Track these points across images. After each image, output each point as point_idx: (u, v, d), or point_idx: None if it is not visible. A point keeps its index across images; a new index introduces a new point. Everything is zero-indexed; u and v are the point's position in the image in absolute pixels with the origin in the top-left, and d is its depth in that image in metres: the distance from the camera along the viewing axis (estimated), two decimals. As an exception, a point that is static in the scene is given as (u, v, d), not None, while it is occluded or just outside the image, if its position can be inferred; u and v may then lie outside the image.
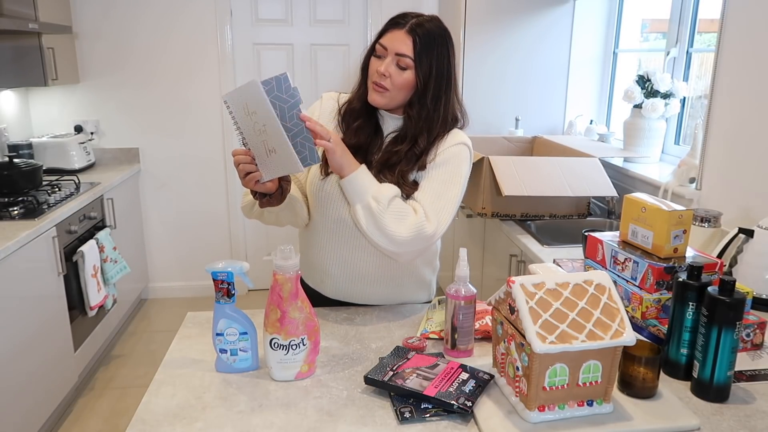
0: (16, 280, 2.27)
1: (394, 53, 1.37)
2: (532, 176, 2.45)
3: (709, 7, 2.64)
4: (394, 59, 1.37)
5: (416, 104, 1.41)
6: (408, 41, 1.36)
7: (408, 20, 1.38)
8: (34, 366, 2.39)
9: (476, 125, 3.40)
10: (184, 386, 1.17)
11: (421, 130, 1.42)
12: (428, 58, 1.37)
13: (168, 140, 3.81)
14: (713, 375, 1.12)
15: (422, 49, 1.36)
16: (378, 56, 1.40)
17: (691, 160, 2.31)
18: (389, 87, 1.38)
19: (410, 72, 1.38)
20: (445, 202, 1.40)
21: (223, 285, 1.18)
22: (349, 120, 1.48)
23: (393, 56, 1.37)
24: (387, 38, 1.38)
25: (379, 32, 1.42)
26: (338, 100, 1.53)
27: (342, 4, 3.76)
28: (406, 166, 1.41)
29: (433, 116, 1.42)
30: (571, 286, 1.06)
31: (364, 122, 1.46)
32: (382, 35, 1.40)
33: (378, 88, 1.39)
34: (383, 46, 1.38)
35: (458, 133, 1.47)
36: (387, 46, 1.38)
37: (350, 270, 1.51)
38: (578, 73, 3.47)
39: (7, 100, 3.38)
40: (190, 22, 3.65)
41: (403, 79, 1.38)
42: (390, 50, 1.37)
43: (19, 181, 2.78)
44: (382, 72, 1.37)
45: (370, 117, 1.47)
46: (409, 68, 1.37)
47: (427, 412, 1.07)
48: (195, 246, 3.99)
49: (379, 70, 1.38)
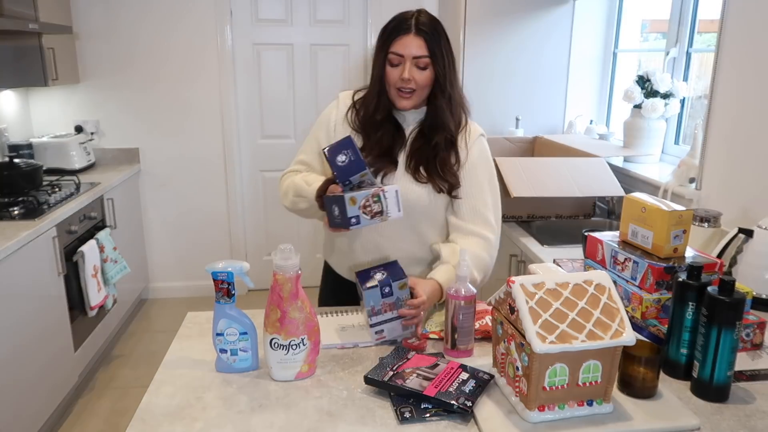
0: (16, 280, 2.28)
1: (411, 57, 1.43)
2: (539, 177, 2.45)
3: (709, 7, 2.64)
4: (412, 62, 1.43)
5: (439, 94, 1.48)
6: (420, 42, 1.42)
7: (409, 23, 1.43)
8: (34, 366, 2.39)
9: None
10: (184, 386, 1.17)
11: (448, 116, 1.50)
12: (440, 50, 1.44)
13: (168, 140, 3.81)
14: (713, 375, 1.12)
15: (433, 44, 1.43)
16: (394, 65, 1.45)
17: (691, 160, 2.31)
18: (416, 88, 1.45)
19: (429, 69, 1.44)
20: (498, 205, 1.58)
21: (223, 285, 1.18)
22: (370, 131, 1.52)
23: (411, 60, 1.43)
24: (398, 46, 1.43)
25: (384, 41, 1.46)
26: (353, 97, 1.58)
27: (342, 4, 3.76)
28: (445, 153, 1.50)
29: (453, 98, 1.49)
30: (571, 286, 1.06)
31: (385, 129, 1.52)
32: (389, 44, 1.44)
33: (405, 94, 1.46)
34: (398, 54, 1.43)
35: (473, 123, 1.58)
36: (402, 53, 1.43)
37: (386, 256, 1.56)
38: (578, 73, 3.46)
39: (8, 100, 3.38)
40: (191, 22, 3.65)
41: (425, 78, 1.45)
42: (406, 56, 1.43)
43: (19, 181, 2.78)
44: (406, 78, 1.43)
45: (389, 120, 1.53)
46: (428, 66, 1.44)
47: (427, 412, 1.07)
48: (195, 246, 3.99)
49: (404, 77, 1.43)
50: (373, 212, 1.31)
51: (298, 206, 1.54)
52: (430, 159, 1.50)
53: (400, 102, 1.48)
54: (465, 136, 1.54)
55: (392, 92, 1.48)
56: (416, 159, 1.51)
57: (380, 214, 1.31)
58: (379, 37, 1.48)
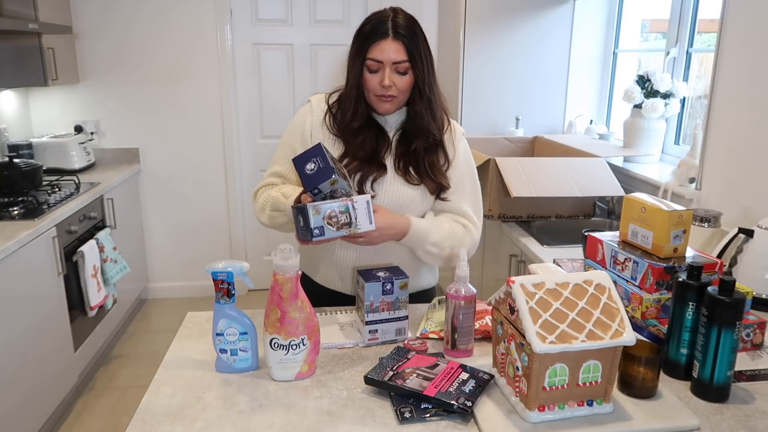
0: (16, 280, 2.28)
1: (391, 63, 1.39)
2: (539, 177, 2.45)
3: (709, 7, 2.64)
4: (392, 68, 1.39)
5: (417, 98, 1.45)
6: (398, 46, 1.38)
7: (386, 26, 1.38)
8: (34, 366, 2.39)
9: (477, 126, 3.44)
10: (184, 386, 1.17)
11: (428, 120, 1.47)
12: (419, 53, 1.40)
13: (168, 140, 3.81)
14: (713, 375, 1.12)
15: (413, 47, 1.39)
16: (373, 71, 1.41)
17: (691, 160, 2.31)
18: (396, 94, 1.42)
19: (409, 73, 1.41)
20: (480, 202, 1.57)
21: (223, 285, 1.18)
22: (349, 137, 1.48)
23: (390, 66, 1.39)
24: (377, 51, 1.39)
25: (360, 46, 1.41)
26: (327, 101, 1.53)
27: (342, 4, 3.76)
28: (433, 155, 1.49)
29: (432, 99, 1.46)
30: (571, 286, 1.06)
31: (366, 133, 1.48)
32: (366, 49, 1.40)
33: (386, 99, 1.42)
34: (377, 60, 1.39)
35: (454, 122, 1.56)
36: (381, 59, 1.39)
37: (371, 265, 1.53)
38: (578, 73, 3.46)
39: (7, 100, 3.38)
40: (190, 22, 3.65)
41: (405, 82, 1.42)
42: (386, 62, 1.39)
43: (19, 181, 2.78)
44: (387, 85, 1.39)
45: (370, 125, 1.49)
46: (407, 71, 1.41)
47: (427, 412, 1.07)
48: (195, 246, 3.99)
49: (384, 84, 1.39)
50: (339, 223, 1.27)
51: (276, 221, 1.48)
52: (420, 160, 1.48)
53: (381, 106, 1.45)
54: (451, 136, 1.53)
55: (371, 98, 1.44)
56: (404, 161, 1.48)
57: (348, 226, 1.27)
58: (354, 40, 1.43)
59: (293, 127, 1.54)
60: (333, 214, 1.26)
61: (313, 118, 1.52)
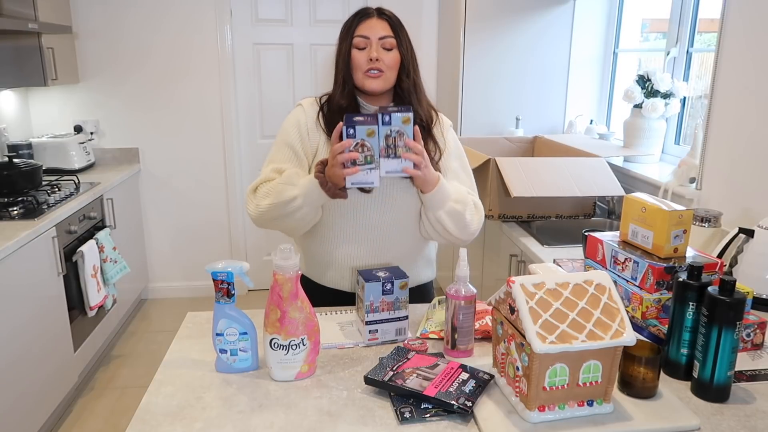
0: (16, 280, 2.27)
1: (377, 38, 1.45)
2: (539, 177, 2.45)
3: (709, 7, 2.64)
4: (378, 43, 1.45)
5: (405, 79, 1.50)
6: (384, 24, 1.47)
7: (371, 9, 1.50)
8: (34, 366, 2.39)
9: (477, 126, 3.44)
10: (184, 386, 1.17)
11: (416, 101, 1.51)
12: (403, 35, 1.49)
13: (168, 140, 3.81)
14: (713, 375, 1.11)
15: (397, 27, 1.48)
16: (360, 48, 1.47)
17: (691, 160, 2.31)
18: (384, 69, 1.46)
19: (395, 50, 1.47)
20: (476, 190, 1.61)
21: (223, 285, 1.18)
22: (337, 120, 1.45)
23: (377, 41, 1.45)
24: (363, 28, 1.47)
25: (347, 30, 1.50)
26: (319, 102, 1.56)
27: (342, 4, 3.76)
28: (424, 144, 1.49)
29: (416, 85, 1.52)
30: (571, 286, 1.06)
31: None
32: (354, 30, 1.48)
33: (374, 74, 1.46)
34: (364, 37, 1.46)
35: (441, 115, 1.61)
36: (368, 34, 1.46)
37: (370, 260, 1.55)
38: (578, 72, 3.46)
39: (7, 100, 3.38)
40: (190, 22, 3.65)
41: (392, 58, 1.47)
42: (373, 37, 1.46)
43: (18, 181, 2.78)
44: (374, 57, 1.44)
45: (357, 111, 1.52)
46: (394, 47, 1.47)
47: (427, 412, 1.07)
48: (195, 246, 3.99)
49: (372, 57, 1.45)
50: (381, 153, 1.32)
51: (283, 197, 1.42)
52: None
53: (369, 84, 1.46)
54: (440, 128, 1.57)
55: (360, 77, 1.47)
56: None
57: (371, 164, 1.33)
58: (342, 30, 1.51)
59: (288, 126, 1.55)
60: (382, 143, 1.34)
61: (307, 118, 1.54)
